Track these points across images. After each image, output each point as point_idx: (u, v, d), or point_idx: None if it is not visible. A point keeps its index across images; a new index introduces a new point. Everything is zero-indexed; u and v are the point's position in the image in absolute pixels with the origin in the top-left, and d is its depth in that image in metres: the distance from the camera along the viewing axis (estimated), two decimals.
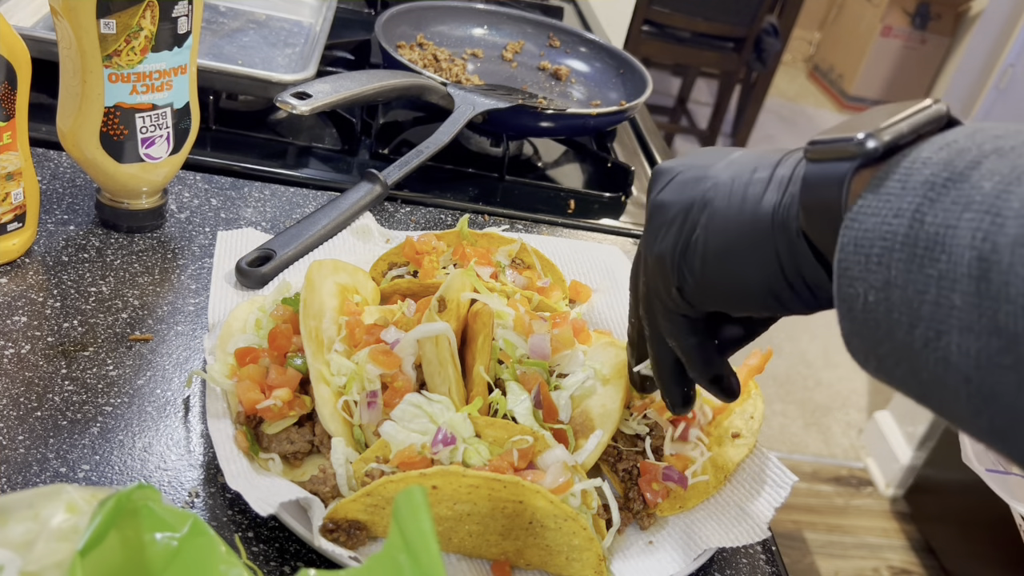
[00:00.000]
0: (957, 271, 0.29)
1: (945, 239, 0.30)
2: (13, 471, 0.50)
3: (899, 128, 0.36)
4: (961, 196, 0.30)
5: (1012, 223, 0.28)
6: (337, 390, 0.54)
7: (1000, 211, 0.29)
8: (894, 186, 0.33)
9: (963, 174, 0.31)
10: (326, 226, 0.74)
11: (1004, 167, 0.30)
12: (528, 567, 0.51)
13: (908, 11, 4.23)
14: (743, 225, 0.41)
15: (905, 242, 0.32)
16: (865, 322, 0.34)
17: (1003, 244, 0.28)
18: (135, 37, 0.63)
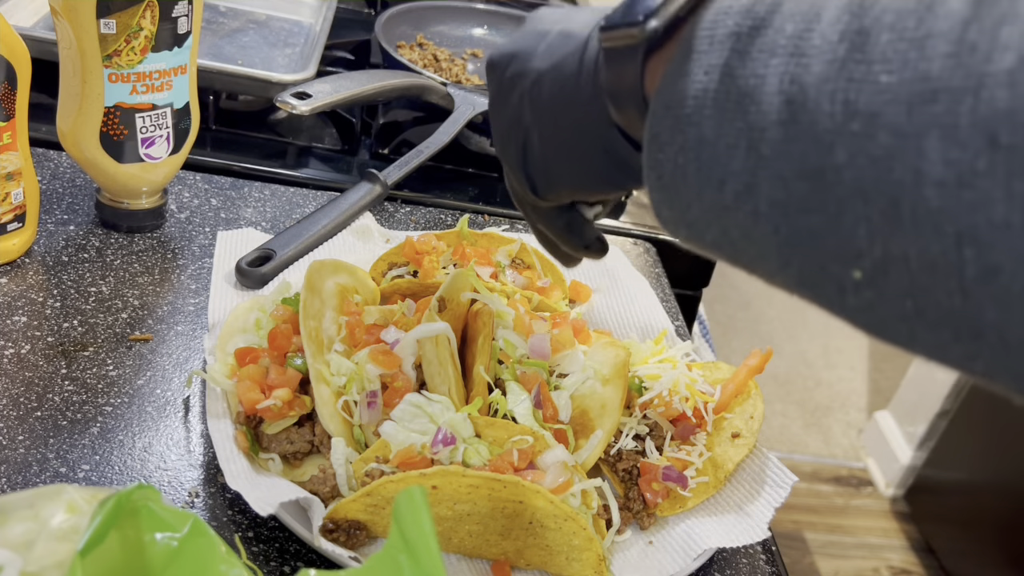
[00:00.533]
0: (766, 119, 0.28)
1: (754, 89, 0.29)
2: (13, 471, 0.50)
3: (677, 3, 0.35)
4: (766, 43, 0.29)
5: (816, 61, 0.27)
6: (337, 390, 0.54)
7: (804, 51, 0.28)
8: (702, 43, 0.32)
9: (765, 19, 0.30)
10: (326, 226, 0.74)
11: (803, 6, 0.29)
12: (528, 567, 0.51)
13: None
14: (566, 123, 0.42)
15: (716, 97, 0.31)
16: (675, 187, 0.33)
17: (809, 83, 0.27)
18: (135, 37, 0.63)
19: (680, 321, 0.78)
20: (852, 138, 0.26)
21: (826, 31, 0.27)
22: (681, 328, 0.77)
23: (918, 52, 0.24)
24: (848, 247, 0.27)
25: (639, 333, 0.70)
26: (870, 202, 0.26)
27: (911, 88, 0.24)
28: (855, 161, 0.26)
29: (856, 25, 0.26)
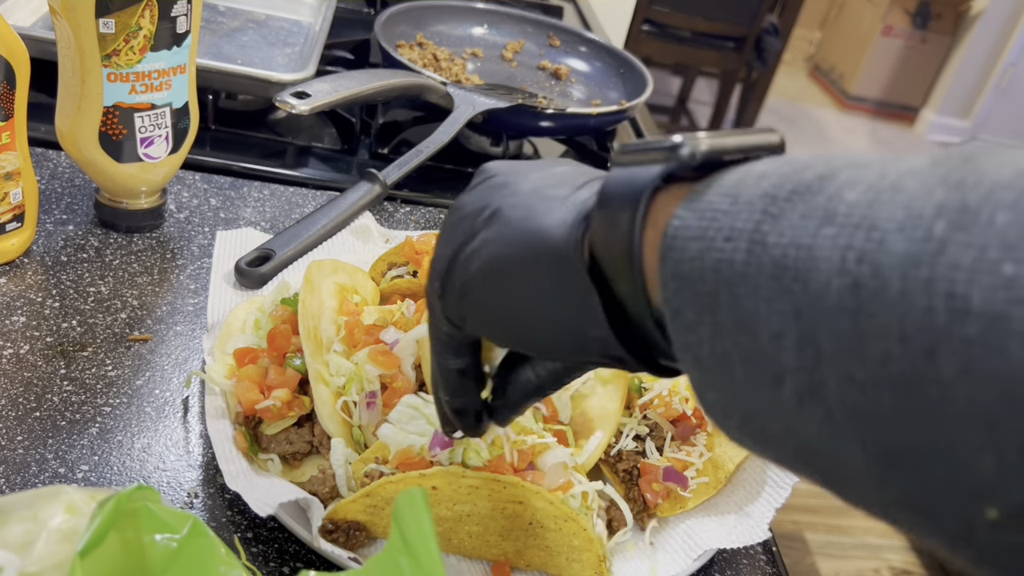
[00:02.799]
0: (822, 304, 0.22)
1: (798, 263, 0.23)
2: (12, 472, 0.50)
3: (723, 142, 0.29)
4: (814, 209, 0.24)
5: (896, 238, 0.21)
6: (336, 391, 0.54)
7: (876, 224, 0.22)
8: (721, 202, 0.26)
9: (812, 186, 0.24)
10: (325, 226, 0.74)
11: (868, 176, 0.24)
12: (528, 568, 0.51)
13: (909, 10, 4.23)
14: (520, 240, 0.34)
15: (745, 272, 0.25)
16: (719, 375, 0.26)
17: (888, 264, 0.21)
18: (134, 36, 0.63)
19: None
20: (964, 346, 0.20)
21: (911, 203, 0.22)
22: None
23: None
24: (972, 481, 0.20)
25: None
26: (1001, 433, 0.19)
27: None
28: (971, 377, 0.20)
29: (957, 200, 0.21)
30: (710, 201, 0.27)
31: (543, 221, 0.34)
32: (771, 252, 0.24)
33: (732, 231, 0.26)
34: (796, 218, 0.24)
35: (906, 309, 0.21)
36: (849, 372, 0.22)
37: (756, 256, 0.25)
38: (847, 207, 0.23)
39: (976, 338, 0.19)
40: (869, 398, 0.22)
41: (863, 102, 4.52)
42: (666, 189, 0.30)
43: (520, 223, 0.35)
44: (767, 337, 0.24)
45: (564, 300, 0.33)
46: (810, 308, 0.23)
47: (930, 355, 0.20)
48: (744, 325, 0.25)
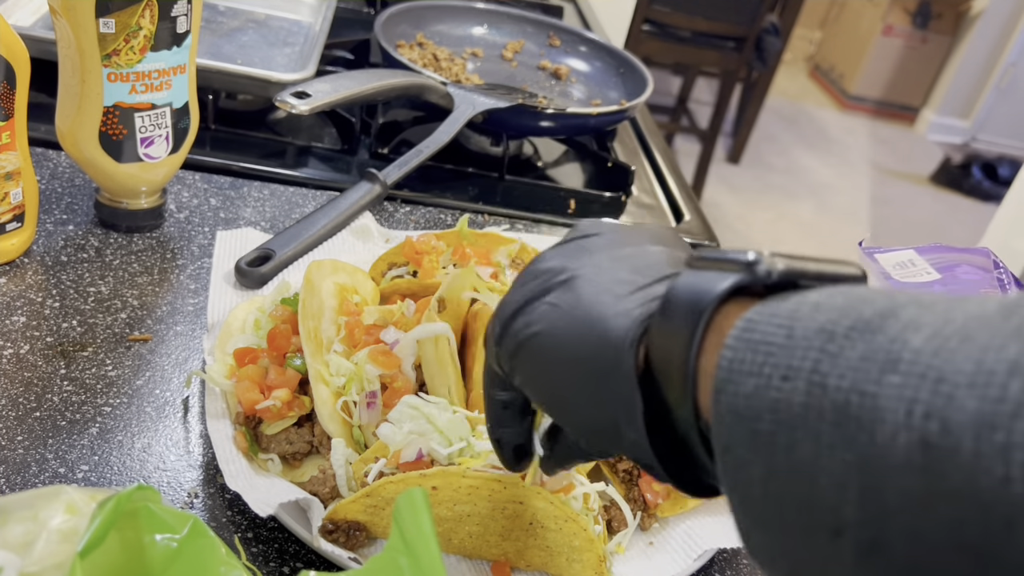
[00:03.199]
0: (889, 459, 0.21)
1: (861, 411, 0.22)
2: (12, 471, 0.50)
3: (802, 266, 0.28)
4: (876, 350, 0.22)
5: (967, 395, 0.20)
6: (336, 391, 0.54)
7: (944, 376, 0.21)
8: (776, 335, 0.25)
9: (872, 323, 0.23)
10: (325, 226, 0.74)
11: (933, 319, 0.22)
12: (528, 568, 0.51)
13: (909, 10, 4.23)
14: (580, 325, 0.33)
15: (804, 415, 0.23)
16: (770, 522, 0.25)
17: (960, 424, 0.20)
18: (134, 36, 0.63)
19: None
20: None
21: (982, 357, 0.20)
22: None
23: None
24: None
25: None
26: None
27: None
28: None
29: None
30: (764, 332, 0.26)
31: (608, 311, 0.33)
32: (832, 396, 0.23)
33: (789, 369, 0.24)
34: (856, 359, 0.23)
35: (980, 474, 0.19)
36: (918, 532, 0.21)
37: (816, 399, 0.23)
38: (911, 354, 0.22)
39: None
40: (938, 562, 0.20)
41: (863, 102, 4.52)
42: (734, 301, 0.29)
43: (587, 304, 0.34)
44: (828, 487, 0.23)
45: (608, 395, 0.32)
46: (876, 462, 0.21)
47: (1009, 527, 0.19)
48: (802, 470, 0.24)
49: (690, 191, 1.04)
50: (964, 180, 3.84)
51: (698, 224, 0.96)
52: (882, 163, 4.01)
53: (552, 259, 0.37)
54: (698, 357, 0.29)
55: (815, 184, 3.63)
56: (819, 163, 3.85)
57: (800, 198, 3.48)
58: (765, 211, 3.29)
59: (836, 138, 4.19)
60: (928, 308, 0.23)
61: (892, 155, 4.14)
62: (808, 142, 4.05)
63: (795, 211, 3.37)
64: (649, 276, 0.34)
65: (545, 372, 0.35)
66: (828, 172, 3.78)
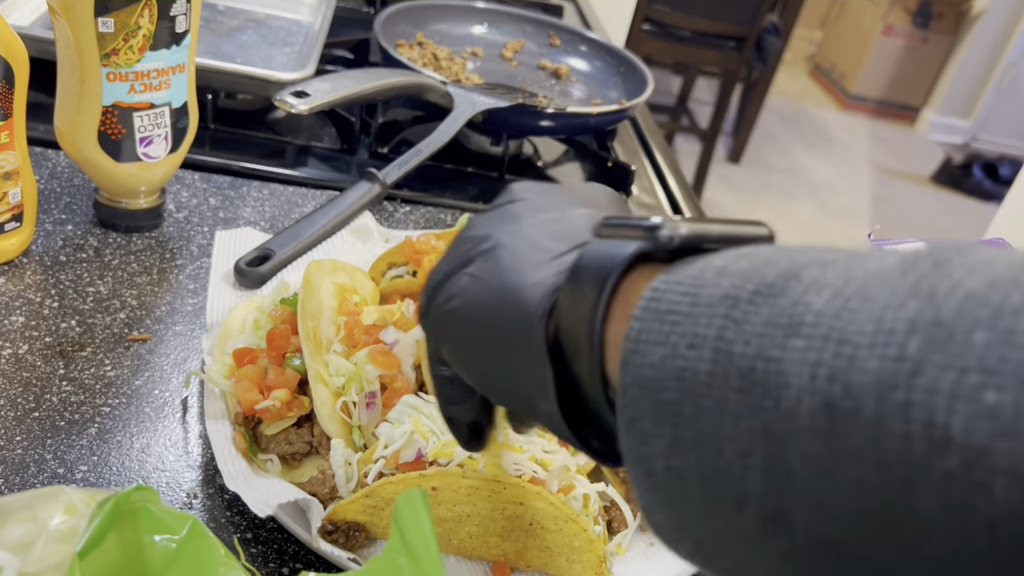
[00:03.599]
0: (793, 424, 0.21)
1: (766, 376, 0.22)
2: (11, 472, 0.49)
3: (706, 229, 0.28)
4: (779, 314, 0.22)
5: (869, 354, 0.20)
6: (336, 391, 0.54)
7: (846, 337, 0.20)
8: (680, 303, 0.25)
9: (775, 286, 0.23)
10: (325, 226, 0.74)
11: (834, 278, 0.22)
12: (528, 568, 0.51)
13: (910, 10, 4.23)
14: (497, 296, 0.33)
15: (710, 383, 0.23)
16: (672, 493, 0.25)
17: (861, 385, 0.20)
18: (133, 36, 0.63)
19: None
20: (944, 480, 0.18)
21: (883, 316, 0.20)
22: None
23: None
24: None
25: None
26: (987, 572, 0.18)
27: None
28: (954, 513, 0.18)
29: (931, 315, 0.19)
30: (670, 301, 0.25)
31: (524, 281, 0.32)
32: (737, 363, 0.23)
33: (695, 337, 0.24)
34: (760, 324, 0.23)
35: (882, 435, 0.19)
36: (820, 499, 0.20)
37: (722, 366, 0.23)
38: (813, 316, 0.21)
39: (958, 472, 0.18)
40: (840, 529, 0.20)
41: (864, 102, 4.52)
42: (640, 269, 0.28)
43: (505, 274, 0.33)
44: (732, 456, 0.22)
45: (522, 366, 0.31)
46: (781, 428, 0.21)
47: (908, 487, 0.19)
48: (707, 440, 0.23)
49: (690, 191, 1.04)
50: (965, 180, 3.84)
51: None
52: (883, 163, 4.01)
53: (477, 226, 0.37)
54: (604, 327, 0.28)
55: (816, 184, 3.63)
56: (820, 163, 3.84)
57: (801, 198, 3.48)
58: (766, 211, 3.29)
59: (837, 138, 4.19)
60: (830, 267, 0.23)
61: (893, 155, 4.13)
62: (808, 142, 4.05)
63: (796, 211, 3.37)
64: (568, 242, 0.33)
65: (466, 345, 0.35)
66: (829, 172, 3.78)
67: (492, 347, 0.33)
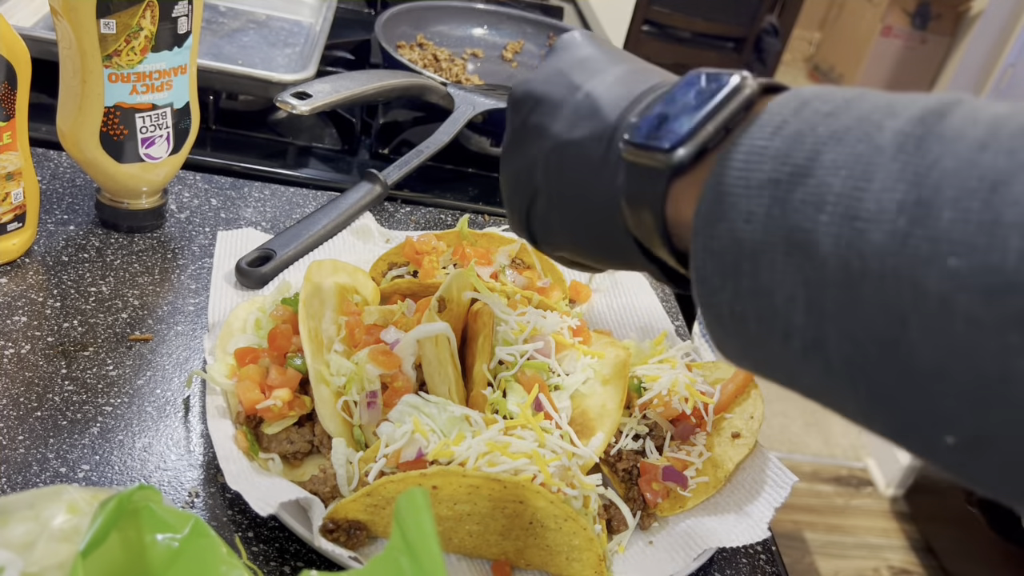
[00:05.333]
0: (825, 277, 0.28)
1: (804, 244, 0.28)
2: (13, 471, 0.50)
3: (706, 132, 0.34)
4: (810, 194, 0.28)
5: (873, 229, 0.26)
6: (337, 390, 0.54)
7: (858, 214, 0.27)
8: (736, 185, 0.31)
9: (805, 167, 0.29)
10: (326, 226, 0.74)
11: (846, 158, 0.28)
12: (528, 567, 0.51)
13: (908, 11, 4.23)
14: (578, 205, 0.42)
15: (762, 248, 0.30)
16: (736, 331, 0.32)
17: (868, 253, 0.26)
18: (135, 37, 0.63)
19: (680, 321, 0.78)
20: (925, 318, 0.25)
21: (881, 197, 0.26)
22: (681, 328, 0.77)
23: (987, 239, 0.24)
24: (935, 416, 0.26)
25: (639, 333, 0.70)
26: (955, 383, 0.25)
27: (985, 279, 0.24)
28: (932, 342, 0.25)
29: (914, 195, 0.26)
30: (729, 186, 0.31)
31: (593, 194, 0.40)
32: (783, 233, 0.29)
33: (749, 214, 0.30)
34: (798, 203, 0.29)
35: (884, 287, 0.26)
36: (846, 330, 0.27)
37: (771, 235, 0.29)
38: (835, 196, 0.28)
39: (933, 314, 0.25)
40: (861, 351, 0.27)
41: None
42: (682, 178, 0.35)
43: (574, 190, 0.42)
44: (781, 300, 0.29)
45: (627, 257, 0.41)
46: (816, 279, 0.28)
47: (903, 323, 0.26)
48: (761, 290, 0.30)
49: None
50: None
51: None
52: None
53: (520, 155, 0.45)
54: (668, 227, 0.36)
55: None
56: None
57: None
58: None
59: None
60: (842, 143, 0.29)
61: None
62: None
63: None
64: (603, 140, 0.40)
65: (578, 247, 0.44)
66: None
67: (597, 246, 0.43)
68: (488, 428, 0.51)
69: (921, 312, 0.25)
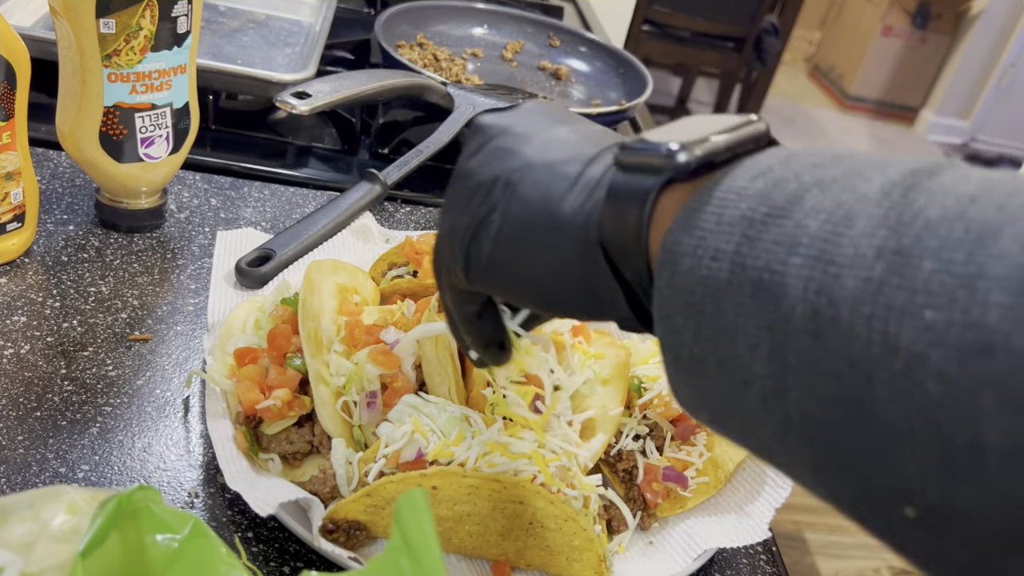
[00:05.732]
0: (790, 324, 0.26)
1: (771, 286, 0.27)
2: (13, 471, 0.50)
3: (714, 143, 0.32)
4: (784, 235, 0.27)
5: (848, 275, 0.25)
6: (336, 390, 0.54)
7: (832, 259, 0.25)
8: (708, 221, 0.29)
9: (783, 208, 0.28)
10: (326, 226, 0.74)
11: (828, 203, 0.27)
12: (528, 567, 0.51)
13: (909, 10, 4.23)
14: (540, 222, 0.36)
15: (727, 288, 0.28)
16: (694, 375, 0.30)
17: (840, 299, 0.24)
18: (135, 37, 0.63)
19: None
20: (894, 377, 0.23)
21: (859, 242, 0.25)
22: None
23: (968, 293, 0.22)
24: (897, 484, 0.24)
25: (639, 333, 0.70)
26: (920, 447, 0.23)
27: (962, 334, 0.22)
28: (899, 402, 0.23)
29: (894, 243, 0.24)
30: (700, 220, 0.30)
31: (560, 210, 0.36)
32: (749, 274, 0.28)
33: (717, 251, 0.29)
34: (769, 243, 0.27)
35: (853, 339, 0.24)
36: (809, 384, 0.26)
37: (737, 276, 0.28)
38: (809, 238, 0.26)
39: (902, 372, 0.23)
40: (823, 408, 0.25)
41: (863, 102, 4.52)
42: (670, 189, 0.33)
43: (539, 206, 0.37)
44: (744, 346, 0.28)
45: (586, 279, 0.36)
46: (781, 327, 0.26)
47: (869, 380, 0.24)
48: (723, 333, 0.28)
49: None
50: None
51: None
52: None
53: (475, 172, 0.39)
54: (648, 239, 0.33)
55: None
56: None
57: None
58: None
59: (836, 138, 4.19)
60: (827, 190, 0.27)
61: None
62: (808, 142, 4.05)
63: None
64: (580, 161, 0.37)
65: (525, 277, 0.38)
66: None
67: (553, 273, 0.37)
68: (488, 428, 0.51)
69: (890, 368, 0.23)
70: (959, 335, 0.22)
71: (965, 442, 0.22)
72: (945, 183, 0.25)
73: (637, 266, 0.34)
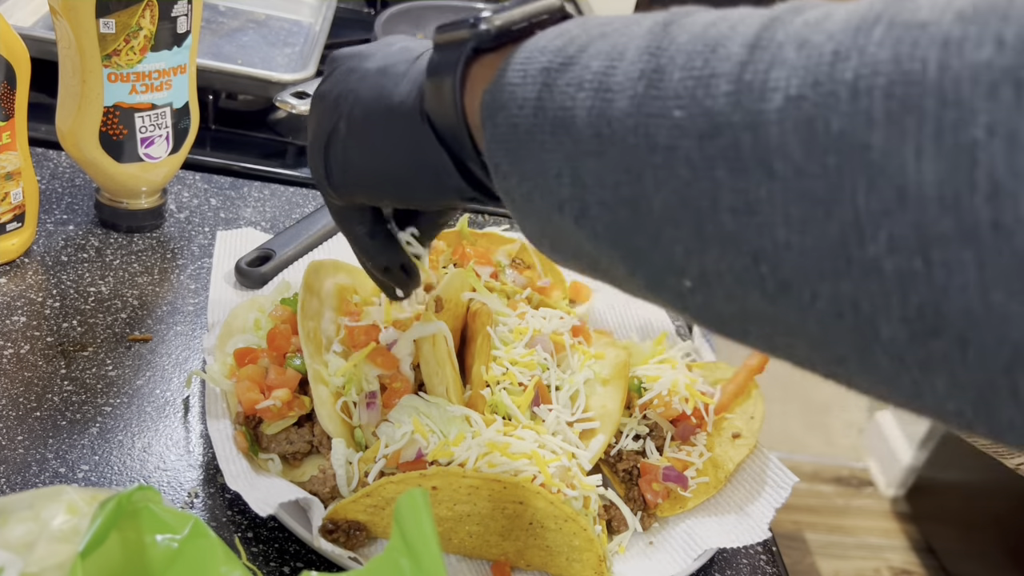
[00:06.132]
0: (581, 149, 0.31)
1: (564, 120, 0.31)
2: (12, 471, 0.50)
3: (512, 13, 0.37)
4: (574, 77, 0.32)
5: (619, 97, 0.29)
6: (336, 391, 0.54)
7: (608, 87, 0.30)
8: (515, 76, 0.34)
9: (573, 57, 0.32)
10: (325, 226, 0.74)
11: (607, 46, 0.31)
12: (528, 568, 0.51)
13: None
14: (378, 115, 0.42)
15: (533, 130, 0.32)
16: (528, 211, 0.35)
17: (614, 117, 0.29)
18: (134, 37, 0.63)
19: (680, 321, 0.78)
20: (656, 170, 0.28)
21: (628, 69, 0.30)
22: (681, 328, 0.77)
23: (704, 90, 0.27)
24: (673, 264, 0.29)
25: (639, 333, 0.70)
26: (680, 226, 0.28)
27: (700, 123, 0.27)
28: (661, 190, 0.28)
29: (653, 64, 0.29)
30: (508, 78, 0.34)
31: (392, 99, 0.42)
32: (548, 115, 0.32)
33: (524, 100, 0.33)
34: (563, 86, 0.32)
35: (625, 149, 0.29)
36: (601, 196, 0.30)
37: (539, 118, 0.32)
38: (592, 75, 0.31)
39: (661, 163, 0.28)
40: (613, 214, 0.30)
41: None
42: (480, 59, 0.37)
43: (375, 103, 0.42)
44: (552, 176, 0.32)
45: (425, 160, 0.41)
46: (575, 151, 0.31)
47: (639, 179, 0.29)
48: (537, 170, 0.33)
49: None
50: None
51: None
52: None
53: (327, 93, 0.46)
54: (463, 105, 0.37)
55: None
56: None
57: None
58: None
59: None
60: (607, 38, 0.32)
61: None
62: None
63: None
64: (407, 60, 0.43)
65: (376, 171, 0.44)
66: None
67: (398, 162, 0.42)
68: (487, 428, 0.51)
69: (653, 164, 0.28)
70: (698, 124, 0.27)
71: (708, 208, 0.27)
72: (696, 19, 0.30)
73: (459, 136, 0.38)
